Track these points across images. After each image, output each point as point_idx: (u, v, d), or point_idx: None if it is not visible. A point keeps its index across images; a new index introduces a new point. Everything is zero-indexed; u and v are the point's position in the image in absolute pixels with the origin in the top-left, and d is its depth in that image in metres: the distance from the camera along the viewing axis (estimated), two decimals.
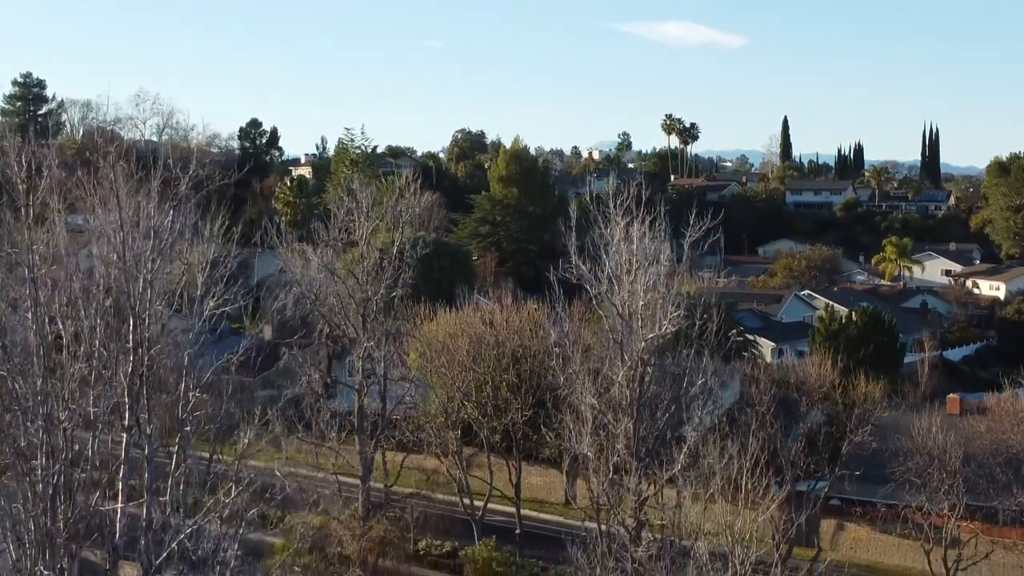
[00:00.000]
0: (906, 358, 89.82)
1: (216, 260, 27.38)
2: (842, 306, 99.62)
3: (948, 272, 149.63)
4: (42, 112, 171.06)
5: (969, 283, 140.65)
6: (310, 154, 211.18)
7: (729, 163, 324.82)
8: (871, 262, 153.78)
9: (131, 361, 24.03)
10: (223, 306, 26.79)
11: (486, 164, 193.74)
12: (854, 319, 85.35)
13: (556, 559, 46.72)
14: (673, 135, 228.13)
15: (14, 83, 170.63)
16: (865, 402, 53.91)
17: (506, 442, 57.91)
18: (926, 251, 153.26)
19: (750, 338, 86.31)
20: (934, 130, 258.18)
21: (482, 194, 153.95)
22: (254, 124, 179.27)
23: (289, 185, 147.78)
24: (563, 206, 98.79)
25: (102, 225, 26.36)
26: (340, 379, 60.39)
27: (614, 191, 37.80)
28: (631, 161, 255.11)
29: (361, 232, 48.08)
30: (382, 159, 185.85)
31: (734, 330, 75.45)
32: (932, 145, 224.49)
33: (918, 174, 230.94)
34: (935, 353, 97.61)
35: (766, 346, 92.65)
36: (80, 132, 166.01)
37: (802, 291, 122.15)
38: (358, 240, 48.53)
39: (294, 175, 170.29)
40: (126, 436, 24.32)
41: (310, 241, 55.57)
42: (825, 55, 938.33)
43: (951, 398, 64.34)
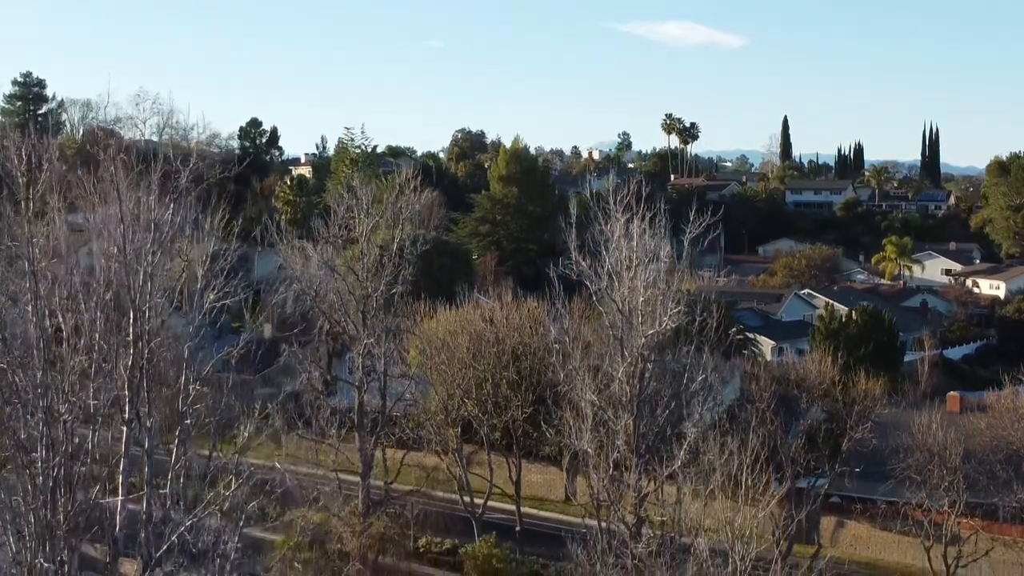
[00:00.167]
0: (906, 357, 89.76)
1: (216, 253, 27.33)
2: (842, 305, 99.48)
3: (948, 271, 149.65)
4: (42, 111, 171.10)
5: (969, 282, 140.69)
6: (310, 154, 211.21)
7: (729, 163, 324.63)
8: (871, 261, 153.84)
9: (131, 354, 23.99)
10: (223, 299, 26.75)
11: (486, 164, 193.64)
12: (854, 318, 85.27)
13: (556, 556, 46.74)
14: (673, 135, 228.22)
15: (14, 83, 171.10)
16: (865, 399, 53.94)
17: (506, 439, 57.96)
18: (926, 251, 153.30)
19: (750, 336, 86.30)
20: (934, 130, 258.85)
21: (482, 193, 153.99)
22: (254, 124, 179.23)
23: (289, 184, 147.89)
24: (563, 205, 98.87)
25: (102, 219, 26.32)
26: (340, 376, 60.43)
27: (614, 188, 37.82)
28: (631, 161, 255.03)
29: (361, 229, 48.05)
30: (382, 159, 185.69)
31: (734, 328, 75.40)
32: (932, 145, 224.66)
33: (918, 174, 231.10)
34: (935, 352, 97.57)
35: (766, 345, 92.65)
36: (80, 131, 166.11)
37: (802, 290, 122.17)
38: (358, 237, 48.50)
39: (294, 174, 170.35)
40: (126, 430, 24.29)
41: (310, 238, 55.54)
42: (825, 55, 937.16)
43: (951, 395, 64.30)
